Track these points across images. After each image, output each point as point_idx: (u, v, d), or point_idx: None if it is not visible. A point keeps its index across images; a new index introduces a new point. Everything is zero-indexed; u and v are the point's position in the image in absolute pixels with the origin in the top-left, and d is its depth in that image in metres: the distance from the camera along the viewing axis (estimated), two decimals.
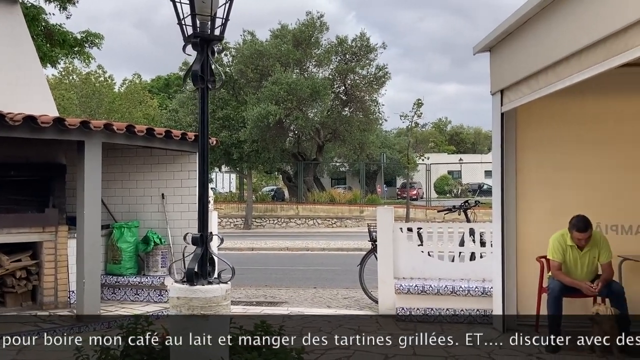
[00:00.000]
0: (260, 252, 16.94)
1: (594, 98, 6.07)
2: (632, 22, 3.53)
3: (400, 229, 7.27)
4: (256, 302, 8.46)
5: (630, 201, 6.05)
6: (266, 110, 24.41)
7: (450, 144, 57.70)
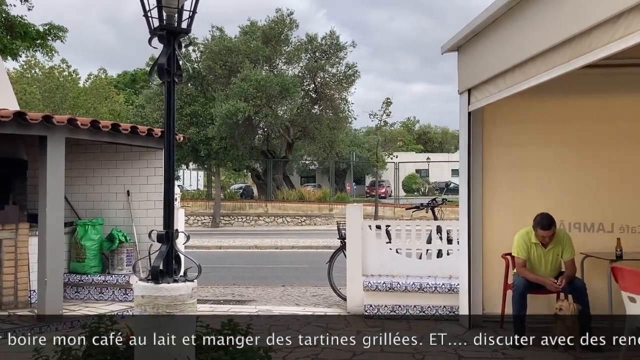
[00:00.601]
0: (228, 250, 16.80)
1: (558, 98, 6.19)
2: (596, 23, 3.60)
3: (369, 227, 7.29)
4: (224, 301, 8.38)
5: (592, 200, 6.19)
6: (235, 107, 24.22)
7: (418, 143, 58.31)
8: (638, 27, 3.20)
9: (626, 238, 5.78)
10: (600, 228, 6.16)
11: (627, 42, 3.32)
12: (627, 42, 3.31)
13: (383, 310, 6.77)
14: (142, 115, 26.80)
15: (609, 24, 3.45)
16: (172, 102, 3.55)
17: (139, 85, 39.29)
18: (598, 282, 5.65)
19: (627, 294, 4.42)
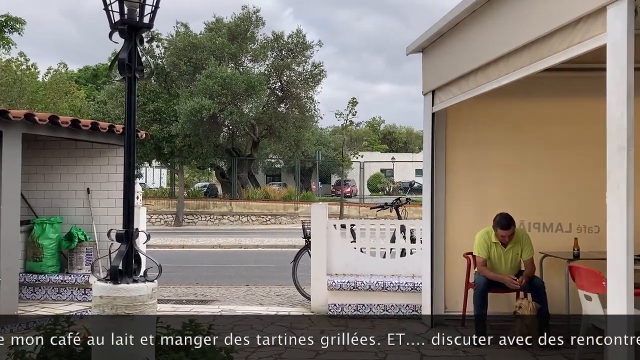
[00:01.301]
0: (191, 249, 16.59)
1: (520, 101, 6.32)
2: (556, 28, 3.68)
3: (334, 226, 7.30)
4: (186, 301, 8.27)
5: (551, 200, 6.33)
6: (199, 104, 23.94)
7: (383, 142, 58.76)
8: (596, 32, 3.29)
9: (583, 238, 5.94)
10: (559, 228, 6.32)
11: (586, 46, 3.40)
12: (586, 47, 3.40)
13: (347, 309, 6.78)
14: (104, 112, 26.23)
15: (569, 29, 3.54)
16: (133, 98, 3.48)
17: (100, 80, 38.44)
18: (556, 281, 5.79)
19: (583, 292, 4.53)
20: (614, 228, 3.13)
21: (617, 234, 3.10)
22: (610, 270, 3.18)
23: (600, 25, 3.24)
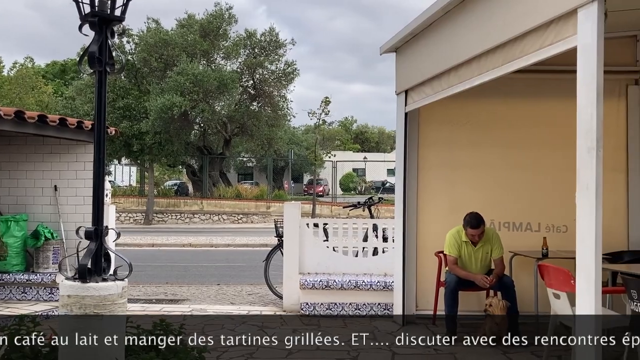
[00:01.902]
0: (161, 248, 16.38)
1: (492, 102, 6.39)
2: (528, 29, 3.72)
3: (306, 225, 7.28)
4: (156, 300, 8.15)
5: (521, 200, 6.43)
6: (170, 101, 23.63)
7: (356, 142, 58.97)
8: (567, 34, 3.34)
9: (552, 237, 6.04)
10: (528, 227, 6.42)
11: (557, 48, 3.45)
12: (558, 49, 3.45)
13: (319, 308, 6.78)
14: (72, 108, 25.69)
15: (541, 30, 3.59)
16: (104, 93, 3.40)
17: (69, 76, 37.67)
18: (525, 279, 5.88)
19: (552, 290, 4.61)
20: (583, 227, 3.18)
21: (586, 234, 3.15)
22: (579, 269, 3.23)
23: (571, 27, 3.29)
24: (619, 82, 6.27)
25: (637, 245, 6.21)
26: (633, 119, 6.30)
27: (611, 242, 5.97)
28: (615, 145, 6.23)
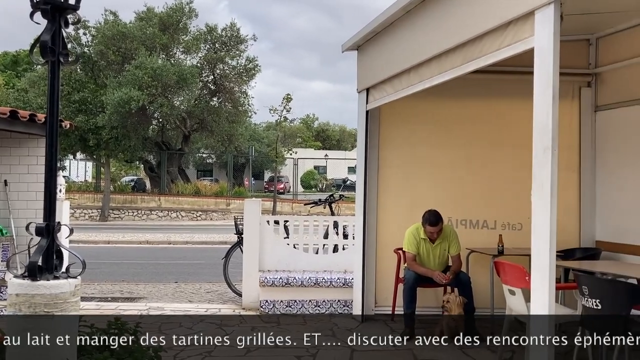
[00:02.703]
0: (117, 245, 16.03)
1: (450, 101, 6.48)
2: (486, 30, 3.78)
3: (267, 222, 7.24)
4: (111, 298, 7.96)
5: (478, 198, 6.55)
6: (128, 95, 23.13)
7: (317, 140, 59.04)
8: (525, 36, 3.40)
9: (507, 234, 6.17)
10: (484, 225, 6.54)
11: (515, 49, 3.52)
12: (515, 49, 3.51)
13: (279, 305, 6.75)
14: (25, 100, 24.83)
15: (499, 31, 3.64)
16: (57, 84, 3.28)
17: (21, 67, 36.38)
18: (482, 276, 5.98)
19: (507, 287, 4.70)
20: (538, 225, 3.25)
21: (541, 231, 3.22)
22: (534, 266, 3.30)
23: (528, 29, 3.36)
24: (572, 84, 6.45)
25: (588, 243, 6.41)
26: (585, 121, 6.50)
27: (564, 240, 6.14)
28: (569, 146, 6.41)
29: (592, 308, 3.92)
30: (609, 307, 3.83)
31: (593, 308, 3.91)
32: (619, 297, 3.84)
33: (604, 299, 3.85)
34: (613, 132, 6.28)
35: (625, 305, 3.81)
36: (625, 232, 6.01)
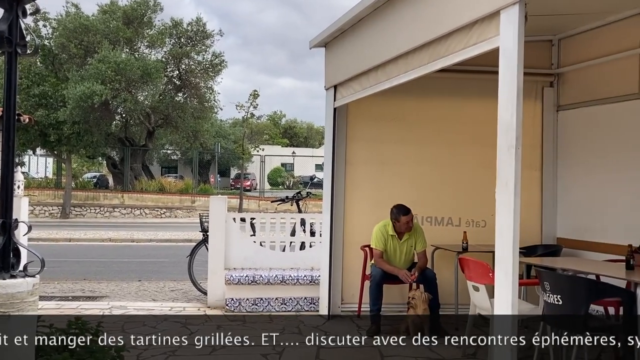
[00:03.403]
0: (79, 243, 15.67)
1: (417, 100, 6.53)
2: (452, 29, 3.82)
3: (233, 219, 7.17)
4: (72, 298, 7.77)
5: (443, 196, 6.62)
6: (91, 89, 22.62)
7: (284, 137, 58.91)
8: (490, 35, 3.44)
9: (471, 231, 6.26)
10: (449, 222, 6.62)
11: (480, 48, 3.56)
12: (481, 49, 3.55)
13: (245, 303, 6.69)
14: None
15: (465, 30, 3.68)
16: (14, 76, 3.15)
17: None
18: (447, 272, 6.06)
19: (471, 283, 4.77)
20: (502, 222, 3.30)
21: (504, 228, 3.27)
22: (497, 262, 3.35)
23: (494, 28, 3.40)
24: (535, 84, 6.58)
25: (549, 240, 6.56)
26: (548, 120, 6.64)
27: (526, 237, 6.26)
28: (531, 145, 6.54)
29: (553, 304, 4.01)
30: (569, 302, 3.92)
31: (554, 304, 3.99)
32: (579, 293, 3.93)
33: (564, 294, 3.94)
34: (574, 131, 6.44)
35: (585, 301, 3.90)
36: (585, 230, 6.17)
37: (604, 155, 6.00)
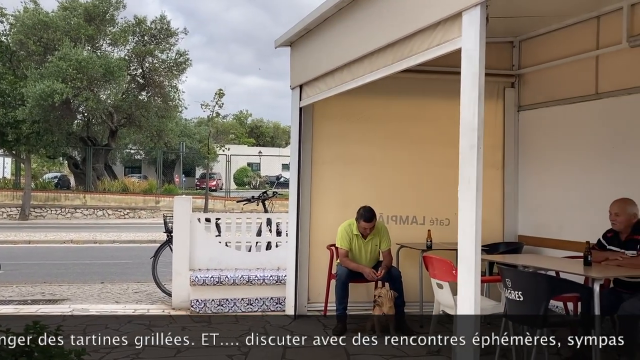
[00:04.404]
0: (39, 245, 15.26)
1: (383, 100, 6.58)
2: (416, 30, 3.86)
3: (198, 220, 7.09)
4: (32, 301, 7.57)
5: (408, 194, 6.69)
6: (51, 88, 22.02)
7: (251, 136, 58.57)
8: (453, 36, 3.49)
9: (436, 230, 6.35)
10: (414, 221, 6.69)
11: (443, 49, 3.60)
12: (444, 49, 3.60)
13: (210, 304, 6.63)
14: None
15: (429, 31, 3.72)
16: None
17: None
18: (412, 270, 6.12)
19: (435, 280, 4.83)
20: (464, 220, 3.35)
21: (467, 226, 3.32)
22: (460, 260, 3.40)
23: (456, 29, 3.45)
24: (497, 84, 6.71)
25: (511, 237, 6.70)
26: (509, 120, 6.78)
27: (488, 234, 6.39)
28: (493, 144, 6.66)
29: (514, 300, 4.09)
30: (530, 298, 4.01)
31: (515, 300, 4.08)
32: (539, 289, 4.03)
33: (525, 290, 4.03)
34: (535, 131, 6.59)
35: (545, 296, 4.00)
36: (546, 227, 6.33)
37: (563, 154, 6.16)
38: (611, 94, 5.58)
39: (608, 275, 4.48)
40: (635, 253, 4.47)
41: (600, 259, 4.60)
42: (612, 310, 4.37)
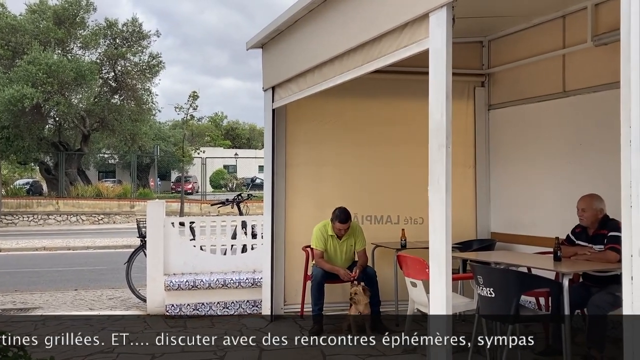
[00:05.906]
0: (10, 253, 14.95)
1: (353, 101, 6.61)
2: (385, 31, 3.89)
3: (171, 224, 7.03)
4: (1, 310, 7.41)
5: (382, 195, 6.73)
6: (20, 92, 21.65)
7: (226, 138, 58.21)
8: (420, 37, 3.53)
9: (409, 229, 6.38)
10: (388, 220, 6.73)
11: (411, 50, 3.64)
12: (412, 50, 3.64)
13: (185, 309, 6.58)
14: None
15: (397, 33, 3.76)
16: None
17: None
18: (386, 269, 6.16)
19: (409, 279, 4.87)
20: (435, 219, 3.39)
21: (437, 224, 3.36)
22: (431, 258, 3.44)
23: (424, 31, 3.49)
24: (467, 84, 6.79)
25: (484, 234, 6.79)
26: (480, 119, 6.87)
27: (461, 232, 6.47)
28: (464, 143, 6.75)
29: (486, 296, 4.15)
30: (501, 294, 4.07)
31: (487, 296, 4.14)
32: (510, 285, 4.09)
33: (496, 287, 4.09)
34: (505, 129, 6.69)
35: (516, 292, 4.06)
36: (517, 224, 6.43)
37: (533, 152, 6.26)
38: (578, 92, 5.70)
39: (577, 270, 4.57)
40: (602, 247, 4.56)
41: (569, 254, 4.69)
42: (582, 304, 4.47)
